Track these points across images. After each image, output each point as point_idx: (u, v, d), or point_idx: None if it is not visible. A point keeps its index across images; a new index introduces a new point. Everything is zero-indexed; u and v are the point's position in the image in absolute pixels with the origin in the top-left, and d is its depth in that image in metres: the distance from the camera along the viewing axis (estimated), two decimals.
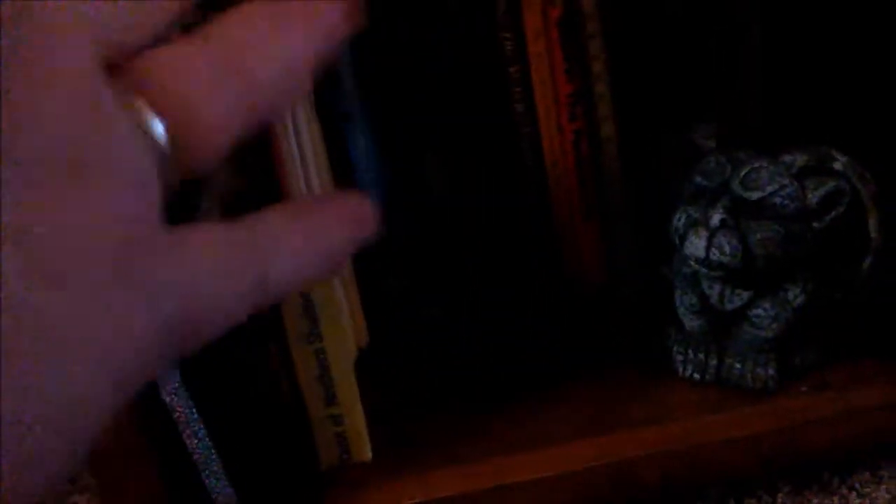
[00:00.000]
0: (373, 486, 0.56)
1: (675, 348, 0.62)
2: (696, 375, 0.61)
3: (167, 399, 0.46)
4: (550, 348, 0.66)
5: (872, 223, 0.56)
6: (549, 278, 0.66)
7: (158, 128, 0.22)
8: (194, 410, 0.46)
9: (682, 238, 0.57)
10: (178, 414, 0.46)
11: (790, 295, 0.58)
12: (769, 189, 0.55)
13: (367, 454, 0.57)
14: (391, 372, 0.66)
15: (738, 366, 0.60)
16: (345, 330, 0.53)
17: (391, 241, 0.65)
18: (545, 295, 0.67)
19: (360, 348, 0.67)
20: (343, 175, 0.63)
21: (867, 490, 0.61)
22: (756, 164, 0.56)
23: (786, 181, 0.55)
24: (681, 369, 0.62)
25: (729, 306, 0.59)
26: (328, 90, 0.61)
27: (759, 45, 0.63)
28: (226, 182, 0.60)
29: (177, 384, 0.45)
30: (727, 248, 0.55)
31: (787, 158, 0.56)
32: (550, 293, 0.67)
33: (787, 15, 0.63)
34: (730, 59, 0.65)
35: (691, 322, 0.62)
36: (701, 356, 0.61)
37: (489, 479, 0.55)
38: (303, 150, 0.60)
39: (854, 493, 0.60)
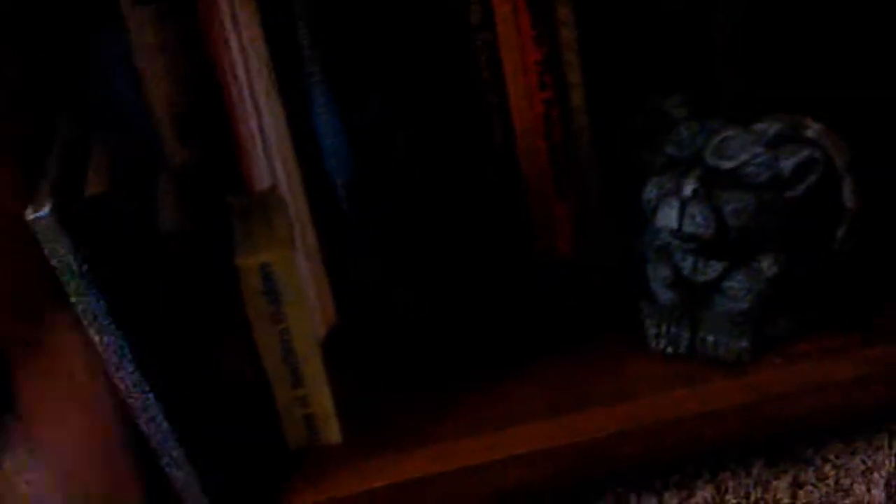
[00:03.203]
0: (342, 468, 0.55)
1: (647, 322, 0.61)
2: (670, 349, 0.61)
3: (121, 385, 0.44)
4: (521, 324, 0.65)
5: (847, 192, 0.55)
6: (519, 253, 0.65)
7: None
8: (150, 395, 0.45)
9: (655, 209, 0.56)
10: (133, 400, 0.45)
11: (763, 266, 0.57)
12: (742, 158, 0.54)
13: (337, 436, 0.56)
14: (361, 352, 0.64)
15: (711, 338, 0.59)
16: (309, 310, 0.52)
17: (359, 220, 0.65)
18: (514, 269, 0.66)
19: (328, 328, 0.66)
20: (309, 154, 0.62)
21: (841, 461, 0.61)
22: (728, 133, 0.55)
23: (758, 150, 0.54)
24: (654, 343, 0.61)
25: (702, 278, 0.58)
26: (290, 66, 0.59)
27: (730, 10, 0.62)
28: (183, 163, 0.58)
29: (130, 369, 0.44)
30: (700, 219, 0.54)
31: (759, 127, 0.55)
32: (520, 268, 0.66)
33: None
34: (701, 26, 0.63)
35: (664, 295, 0.61)
36: (674, 329, 0.60)
37: (460, 460, 0.55)
38: (263, 123, 0.59)
39: (829, 464, 0.60)
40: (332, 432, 0.56)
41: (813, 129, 0.55)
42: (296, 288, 0.51)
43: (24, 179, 0.45)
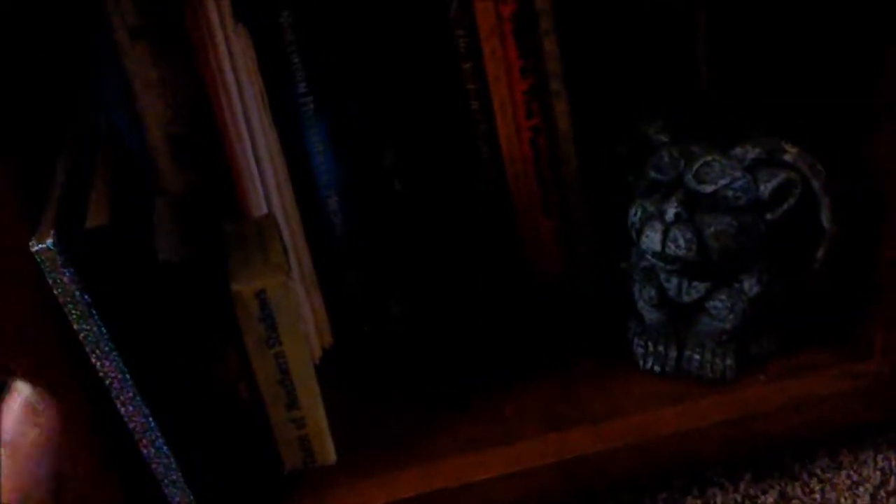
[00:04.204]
0: (337, 488, 0.56)
1: (635, 341, 0.63)
2: (657, 368, 0.62)
3: (122, 409, 0.45)
4: (511, 343, 0.66)
5: (825, 213, 0.57)
6: (507, 274, 0.67)
7: None
8: (150, 419, 0.46)
9: (639, 232, 0.58)
10: (134, 424, 0.46)
11: (746, 286, 0.58)
12: (722, 182, 0.55)
13: (331, 456, 0.57)
14: (356, 371, 0.65)
15: (696, 357, 0.61)
16: (304, 335, 0.53)
17: (351, 239, 0.66)
18: (504, 289, 0.67)
19: (324, 349, 0.67)
20: (301, 173, 0.63)
21: (828, 475, 0.61)
22: (708, 158, 0.56)
23: (738, 174, 0.56)
24: (642, 362, 0.62)
25: (686, 299, 0.59)
26: (283, 89, 0.60)
27: (705, 37, 0.64)
28: (178, 183, 0.60)
29: (131, 394, 0.45)
30: (682, 242, 0.55)
31: (738, 151, 0.57)
32: (509, 288, 0.67)
33: (733, 6, 0.63)
34: (679, 54, 0.65)
35: (650, 315, 0.62)
36: (661, 348, 0.61)
37: (453, 479, 0.55)
38: (257, 148, 0.60)
39: (815, 479, 0.61)
40: (327, 453, 0.57)
41: (790, 153, 0.56)
42: (291, 313, 0.52)
43: (28, 209, 0.46)
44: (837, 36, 0.58)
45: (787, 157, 0.56)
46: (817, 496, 0.60)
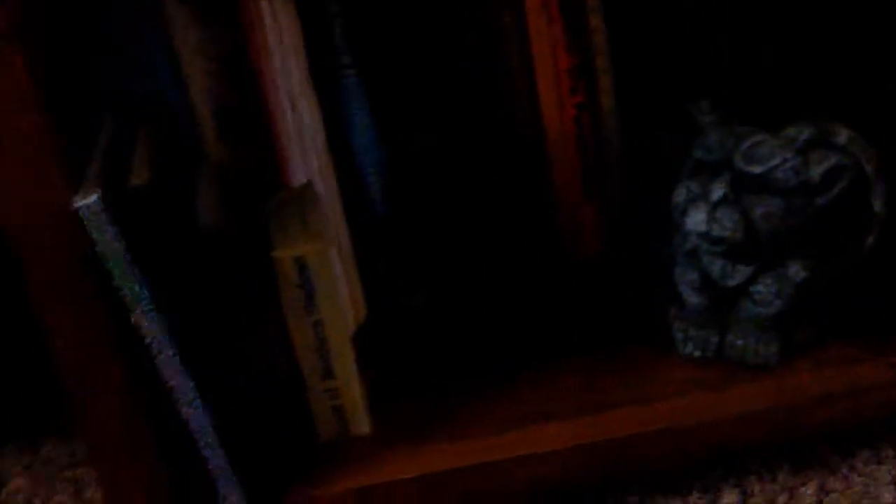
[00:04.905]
0: (371, 459, 0.55)
1: (675, 325, 0.62)
2: (697, 352, 0.61)
3: (161, 369, 0.45)
4: (548, 324, 0.65)
5: (877, 197, 0.55)
6: (547, 253, 0.66)
7: None
8: (189, 380, 0.46)
9: (683, 213, 0.57)
10: (172, 383, 0.46)
11: (792, 271, 0.57)
12: (771, 163, 0.54)
13: (366, 428, 0.57)
14: (390, 347, 0.65)
15: (739, 342, 0.59)
16: (342, 302, 0.53)
17: (390, 217, 0.66)
18: (544, 269, 0.66)
19: (358, 323, 0.67)
20: (342, 152, 0.63)
21: (869, 469, 0.60)
22: (758, 139, 0.55)
23: (788, 155, 0.55)
24: (681, 346, 0.61)
25: (730, 283, 0.58)
26: (326, 65, 0.60)
27: (760, 18, 0.63)
28: (221, 151, 0.60)
29: (171, 353, 0.45)
30: (728, 223, 0.54)
31: (789, 132, 0.55)
32: (549, 267, 0.66)
33: None
34: (732, 32, 0.64)
35: (692, 299, 0.61)
36: (702, 333, 0.60)
37: (487, 455, 0.55)
38: (300, 126, 0.60)
39: (855, 473, 0.60)
40: (362, 424, 0.57)
41: (843, 136, 0.55)
42: (330, 281, 0.52)
43: (73, 166, 0.46)
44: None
45: (840, 140, 0.55)
46: (858, 489, 0.59)
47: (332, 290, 0.52)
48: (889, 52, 0.57)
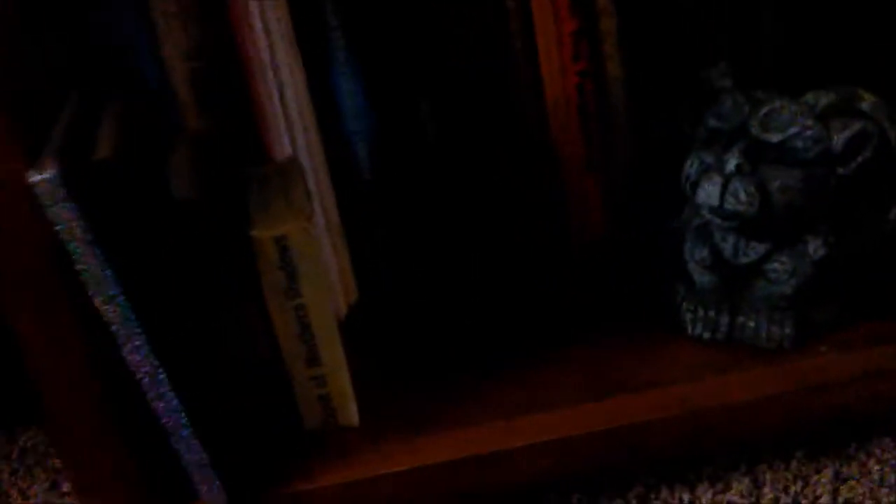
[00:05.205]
0: (359, 451, 0.53)
1: (684, 305, 0.59)
2: (707, 334, 0.58)
3: (128, 358, 0.43)
4: (550, 305, 0.63)
5: None
6: (549, 230, 0.63)
7: None
8: (159, 370, 0.43)
9: (695, 185, 0.54)
10: (141, 375, 0.43)
11: (810, 247, 0.55)
12: (790, 131, 0.52)
13: (354, 419, 0.55)
14: (382, 330, 0.63)
15: (751, 324, 0.57)
16: (327, 286, 0.50)
17: (381, 189, 0.63)
18: (545, 247, 0.64)
19: (349, 305, 0.64)
20: (329, 116, 0.60)
21: (887, 456, 0.58)
22: (776, 105, 0.52)
23: (808, 122, 0.52)
24: (690, 328, 0.59)
25: (743, 260, 0.56)
26: (311, 27, 0.57)
27: None
28: (199, 122, 0.57)
29: (138, 342, 0.42)
30: (743, 196, 0.52)
31: (809, 98, 0.53)
32: (550, 245, 0.64)
33: None
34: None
35: (702, 277, 0.58)
36: (712, 313, 0.58)
37: (481, 446, 0.53)
38: (283, 86, 0.57)
39: (873, 460, 0.58)
40: (350, 414, 0.54)
41: (867, 101, 0.53)
42: (313, 262, 0.49)
43: (29, 147, 0.43)
44: None
45: (864, 106, 0.52)
46: (875, 477, 0.57)
47: (317, 272, 0.49)
48: None
